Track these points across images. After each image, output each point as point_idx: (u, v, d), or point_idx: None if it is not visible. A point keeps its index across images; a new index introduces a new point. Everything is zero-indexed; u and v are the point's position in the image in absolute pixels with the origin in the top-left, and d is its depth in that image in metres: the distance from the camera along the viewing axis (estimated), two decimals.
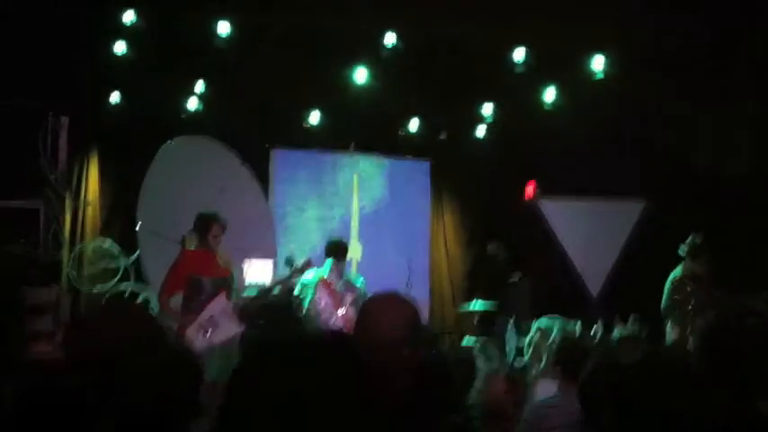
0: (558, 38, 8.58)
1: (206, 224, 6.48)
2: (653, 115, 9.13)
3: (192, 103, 9.18)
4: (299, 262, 6.90)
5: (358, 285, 7.49)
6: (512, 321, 8.59)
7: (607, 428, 2.39)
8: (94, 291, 7.65)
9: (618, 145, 9.44)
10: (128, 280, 7.69)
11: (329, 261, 7.39)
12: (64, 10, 7.67)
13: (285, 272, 6.95)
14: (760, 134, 8.52)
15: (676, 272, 7.36)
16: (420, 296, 9.48)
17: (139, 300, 7.55)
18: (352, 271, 7.66)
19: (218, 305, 6.36)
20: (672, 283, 7.32)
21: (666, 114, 9.05)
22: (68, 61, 7.99)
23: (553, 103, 9.43)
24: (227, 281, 6.55)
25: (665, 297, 7.34)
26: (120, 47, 8.38)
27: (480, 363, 4.74)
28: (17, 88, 7.55)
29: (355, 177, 10.34)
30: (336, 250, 7.49)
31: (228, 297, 6.44)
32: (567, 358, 4.30)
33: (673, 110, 8.93)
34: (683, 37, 8.26)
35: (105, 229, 8.92)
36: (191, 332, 6.26)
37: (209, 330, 6.26)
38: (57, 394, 2.19)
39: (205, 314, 6.31)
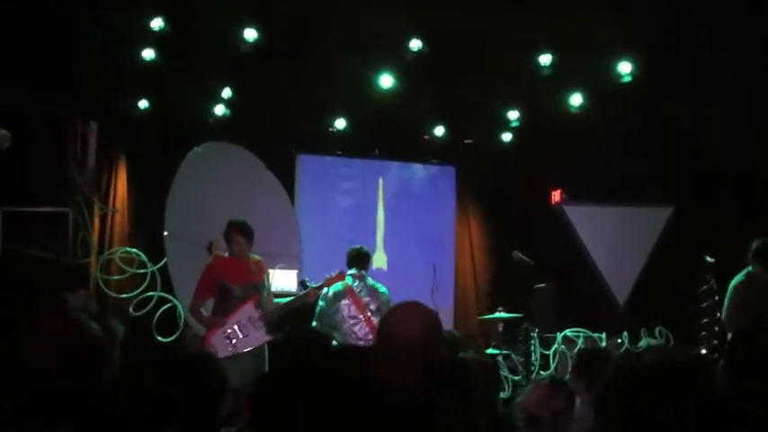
0: (586, 42, 8.51)
1: (228, 232, 6.52)
2: (681, 121, 9.02)
3: (220, 109, 9.26)
4: (332, 273, 6.87)
5: (381, 292, 7.48)
6: (537, 330, 8.54)
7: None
8: (122, 297, 7.70)
9: (645, 150, 9.36)
10: (155, 286, 7.73)
11: (352, 269, 7.40)
12: (92, 15, 7.74)
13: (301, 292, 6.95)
14: None
15: (737, 278, 6.99)
16: (445, 302, 9.46)
17: (166, 306, 7.59)
18: (371, 281, 7.62)
19: (246, 313, 6.39)
20: (733, 287, 6.97)
21: (696, 119, 8.94)
22: (97, 67, 8.07)
23: (580, 108, 9.38)
24: (257, 288, 6.56)
25: (725, 301, 6.98)
26: (148, 53, 8.46)
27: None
28: (46, 94, 7.62)
29: (380, 183, 10.35)
30: (358, 258, 7.48)
31: (257, 305, 6.46)
32: (586, 370, 4.27)
33: (702, 114, 8.82)
34: (711, 43, 8.16)
35: (133, 234, 9.01)
36: (216, 339, 6.30)
37: (236, 338, 6.29)
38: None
39: (232, 321, 6.34)
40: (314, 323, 7.35)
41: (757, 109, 8.47)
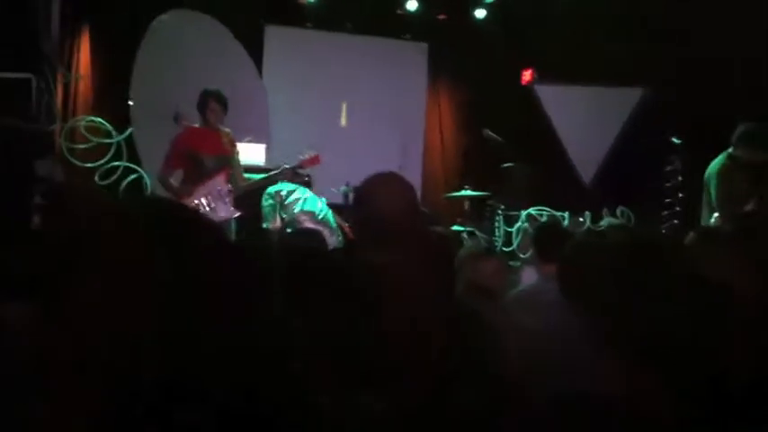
0: None
1: (204, 100, 6.39)
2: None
3: None
4: (305, 155, 6.73)
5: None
6: (502, 208, 8.65)
7: (585, 308, 2.36)
8: (87, 166, 7.63)
9: (620, 30, 9.26)
10: (121, 156, 7.67)
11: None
12: None
13: None
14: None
15: (721, 161, 5.99)
16: (412, 180, 9.47)
17: (133, 177, 7.56)
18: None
19: (215, 185, 6.35)
20: (720, 174, 5.97)
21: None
22: None
23: None
24: (228, 160, 6.49)
25: (714, 189, 6.01)
26: None
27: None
28: None
29: (351, 58, 10.18)
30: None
31: (228, 179, 6.42)
32: (544, 241, 4.29)
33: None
34: None
35: (97, 104, 8.85)
36: None
37: (202, 209, 6.27)
38: None
39: (200, 193, 6.31)
40: (265, 225, 7.22)
41: None
